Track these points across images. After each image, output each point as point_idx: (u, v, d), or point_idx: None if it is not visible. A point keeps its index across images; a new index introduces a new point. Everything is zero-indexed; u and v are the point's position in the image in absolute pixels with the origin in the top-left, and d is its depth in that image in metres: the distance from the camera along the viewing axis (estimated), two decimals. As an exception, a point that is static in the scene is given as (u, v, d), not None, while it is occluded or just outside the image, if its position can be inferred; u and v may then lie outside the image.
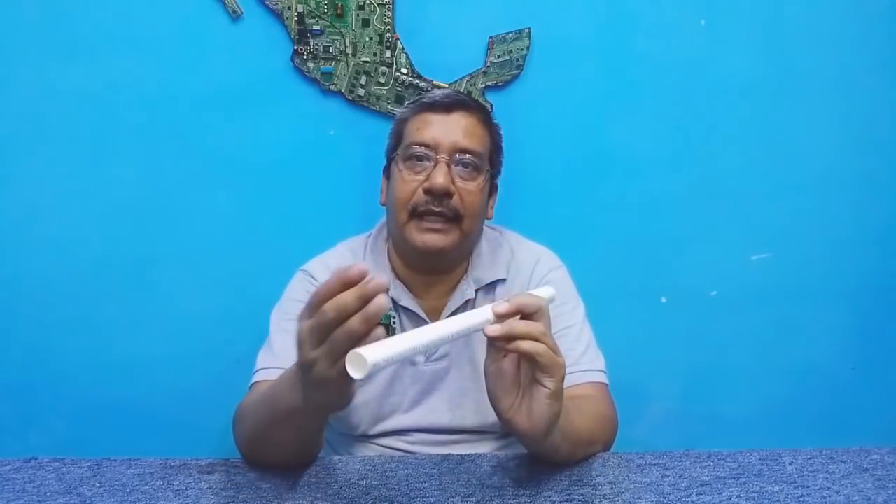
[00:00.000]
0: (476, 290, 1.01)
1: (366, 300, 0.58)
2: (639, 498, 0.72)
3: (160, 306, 1.35)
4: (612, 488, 0.73)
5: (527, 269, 1.03)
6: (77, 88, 1.29)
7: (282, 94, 1.31)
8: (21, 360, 1.34)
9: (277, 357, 0.91)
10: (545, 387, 0.68)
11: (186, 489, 0.74)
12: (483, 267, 1.03)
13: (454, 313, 1.00)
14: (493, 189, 1.06)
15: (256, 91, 1.31)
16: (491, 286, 1.02)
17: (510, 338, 0.67)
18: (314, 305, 0.61)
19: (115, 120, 1.30)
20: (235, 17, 1.29)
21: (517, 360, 0.70)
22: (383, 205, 1.05)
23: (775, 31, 1.34)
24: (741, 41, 1.34)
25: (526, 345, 0.67)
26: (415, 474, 0.76)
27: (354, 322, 0.58)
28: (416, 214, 0.95)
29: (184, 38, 1.29)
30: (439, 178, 0.94)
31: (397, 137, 1.03)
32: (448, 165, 0.96)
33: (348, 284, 0.59)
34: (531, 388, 0.69)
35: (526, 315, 0.68)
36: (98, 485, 0.75)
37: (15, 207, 1.31)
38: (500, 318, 0.67)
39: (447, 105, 1.00)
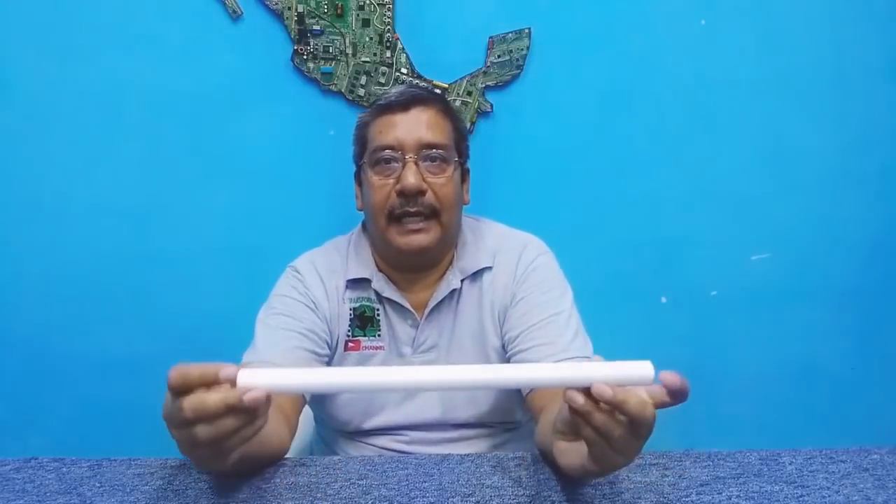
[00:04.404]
0: (462, 280, 1.01)
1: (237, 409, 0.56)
2: (639, 498, 0.71)
3: (160, 306, 1.35)
4: (612, 488, 0.73)
5: (513, 256, 1.02)
6: (77, 88, 1.29)
7: (282, 94, 1.31)
8: (21, 360, 1.35)
9: (258, 352, 0.91)
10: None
11: (186, 489, 0.74)
12: (468, 256, 1.03)
13: (440, 304, 1.00)
14: (464, 174, 1.05)
15: (256, 91, 1.31)
16: (477, 275, 1.02)
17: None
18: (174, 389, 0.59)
19: (115, 119, 1.30)
20: (235, 17, 1.29)
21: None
22: (360, 210, 1.05)
23: (775, 31, 1.34)
24: (741, 41, 1.34)
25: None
26: (415, 474, 0.76)
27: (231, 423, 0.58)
28: (395, 218, 0.95)
29: (184, 37, 1.29)
30: (410, 179, 0.94)
31: (361, 143, 1.02)
32: (416, 164, 0.95)
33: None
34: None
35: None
36: (98, 485, 0.75)
37: (15, 207, 1.32)
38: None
39: (404, 103, 0.99)
